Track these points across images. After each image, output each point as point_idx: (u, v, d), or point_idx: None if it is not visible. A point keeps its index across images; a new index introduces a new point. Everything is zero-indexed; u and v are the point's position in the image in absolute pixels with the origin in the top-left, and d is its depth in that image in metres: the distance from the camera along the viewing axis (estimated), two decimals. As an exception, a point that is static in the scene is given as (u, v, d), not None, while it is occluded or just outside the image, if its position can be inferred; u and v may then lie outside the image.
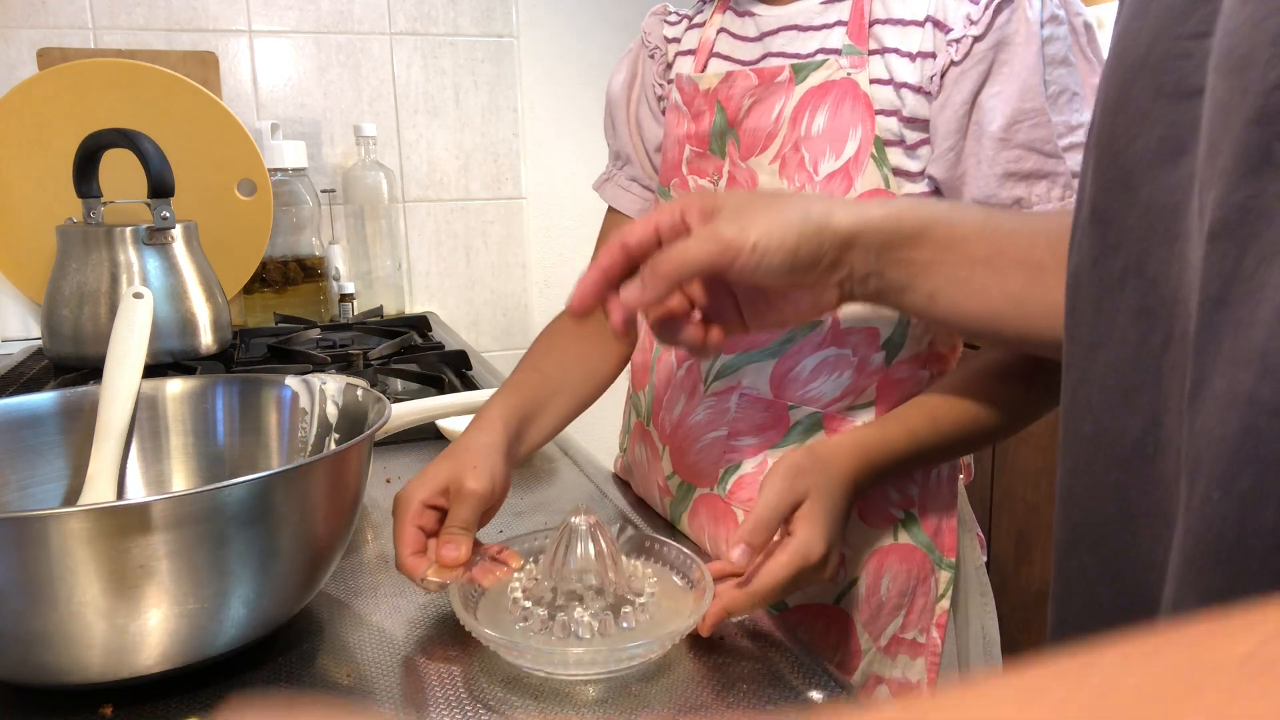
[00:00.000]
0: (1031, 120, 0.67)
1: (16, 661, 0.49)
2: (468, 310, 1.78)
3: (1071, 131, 0.67)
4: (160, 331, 1.19)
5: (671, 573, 0.63)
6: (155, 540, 0.47)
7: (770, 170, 0.73)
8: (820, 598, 0.74)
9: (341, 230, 1.66)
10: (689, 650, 0.58)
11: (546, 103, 1.79)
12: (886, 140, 0.69)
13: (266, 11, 1.60)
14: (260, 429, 0.71)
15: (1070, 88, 0.67)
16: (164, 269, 1.20)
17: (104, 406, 0.68)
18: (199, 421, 0.71)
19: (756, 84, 0.74)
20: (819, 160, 0.71)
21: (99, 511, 0.46)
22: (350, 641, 0.59)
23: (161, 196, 1.17)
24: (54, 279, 1.20)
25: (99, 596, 0.46)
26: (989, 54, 0.66)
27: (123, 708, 0.51)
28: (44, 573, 0.45)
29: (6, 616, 0.46)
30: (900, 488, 0.74)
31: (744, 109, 0.75)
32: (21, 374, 1.22)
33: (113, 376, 0.69)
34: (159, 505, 0.47)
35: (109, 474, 0.66)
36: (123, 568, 0.46)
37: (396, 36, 1.68)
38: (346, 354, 1.24)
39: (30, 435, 0.66)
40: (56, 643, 0.47)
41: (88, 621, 0.47)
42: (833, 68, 0.70)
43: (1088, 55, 0.67)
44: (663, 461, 0.81)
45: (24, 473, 0.65)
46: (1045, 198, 0.67)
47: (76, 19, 1.51)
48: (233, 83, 1.60)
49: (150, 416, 0.71)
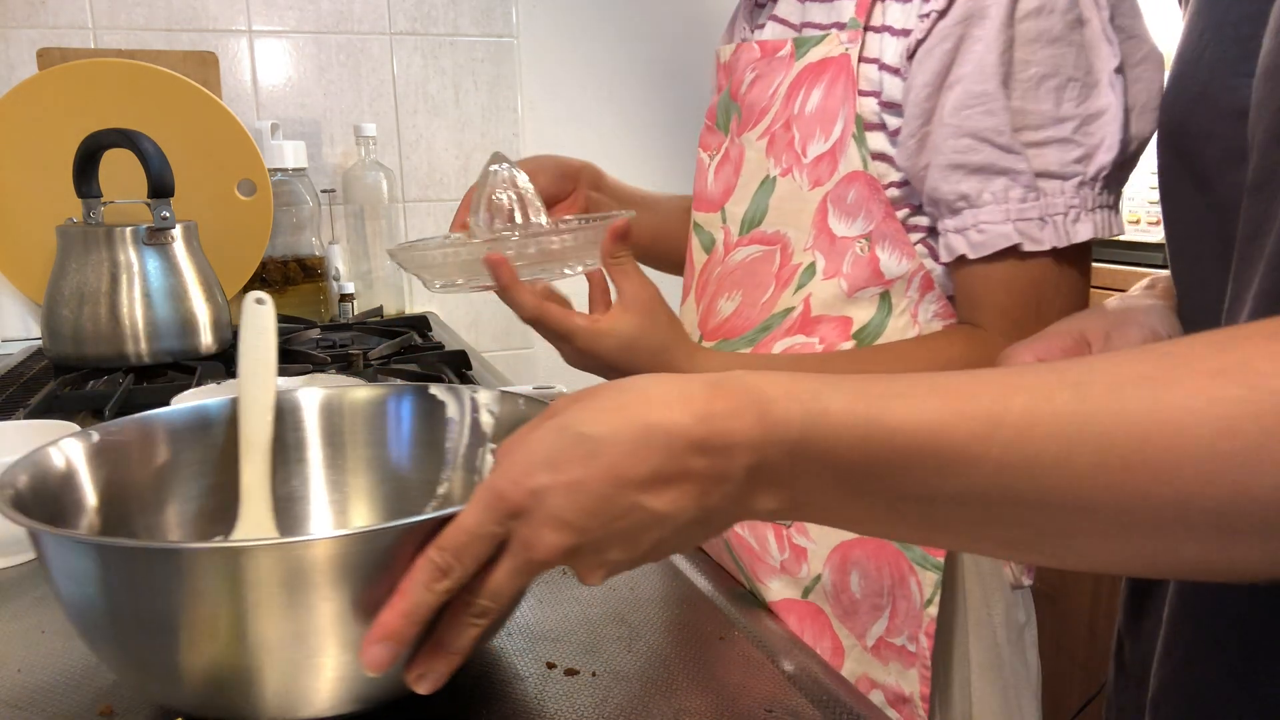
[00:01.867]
0: (981, 106, 0.61)
1: (197, 695, 0.46)
2: (468, 310, 1.78)
3: (1057, 124, 0.61)
4: (160, 331, 1.19)
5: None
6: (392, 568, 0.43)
7: (758, 147, 0.71)
8: (785, 593, 0.71)
9: (341, 230, 1.66)
10: (682, 647, 0.58)
11: (546, 103, 1.79)
12: (868, 123, 0.66)
13: (266, 11, 1.60)
14: (431, 441, 0.67)
15: (1063, 71, 0.60)
16: (164, 269, 1.20)
17: (245, 420, 0.64)
18: (378, 432, 0.67)
19: (759, 57, 0.72)
20: (808, 141, 0.68)
21: (357, 536, 0.43)
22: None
23: (161, 196, 1.17)
24: (54, 279, 1.20)
25: (337, 625, 0.43)
26: (955, 30, 0.61)
27: (122, 708, 0.51)
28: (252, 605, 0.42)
29: (205, 648, 0.44)
30: None
31: (746, 82, 0.73)
32: (21, 374, 1.22)
33: (250, 388, 0.64)
34: (412, 528, 0.43)
35: (261, 489, 0.63)
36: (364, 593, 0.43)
37: (396, 36, 1.68)
38: (346, 354, 1.24)
39: (159, 452, 0.62)
40: (253, 678, 0.44)
41: (290, 657, 0.44)
42: (833, 43, 0.67)
43: (1109, 37, 0.60)
44: None
45: (158, 491, 0.62)
46: (1000, 198, 0.61)
47: (76, 19, 1.51)
48: (233, 83, 1.60)
49: (329, 427, 0.67)
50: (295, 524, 0.66)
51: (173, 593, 0.42)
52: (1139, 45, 0.63)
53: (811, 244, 0.68)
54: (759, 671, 0.56)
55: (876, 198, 0.65)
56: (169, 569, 0.42)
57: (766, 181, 0.71)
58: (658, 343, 0.66)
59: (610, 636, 0.60)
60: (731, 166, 0.74)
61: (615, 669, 0.56)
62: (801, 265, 0.69)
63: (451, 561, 0.40)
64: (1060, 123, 0.61)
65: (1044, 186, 0.61)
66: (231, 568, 0.42)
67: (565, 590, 0.65)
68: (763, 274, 0.71)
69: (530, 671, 0.56)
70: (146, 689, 0.50)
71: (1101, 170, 0.61)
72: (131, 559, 0.43)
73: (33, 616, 0.62)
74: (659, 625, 0.62)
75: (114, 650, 0.47)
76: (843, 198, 0.66)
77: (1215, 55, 0.46)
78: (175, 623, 0.43)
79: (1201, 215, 0.48)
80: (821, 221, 0.68)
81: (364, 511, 0.67)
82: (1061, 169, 0.61)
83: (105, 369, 1.18)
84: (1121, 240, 1.52)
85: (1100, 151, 0.61)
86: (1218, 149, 0.46)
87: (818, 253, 0.68)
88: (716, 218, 0.75)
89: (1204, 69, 0.46)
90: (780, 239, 0.70)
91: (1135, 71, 0.62)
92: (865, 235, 0.66)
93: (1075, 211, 0.61)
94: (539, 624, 0.56)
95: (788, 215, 0.70)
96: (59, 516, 0.53)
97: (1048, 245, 0.62)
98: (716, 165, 0.76)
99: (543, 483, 0.38)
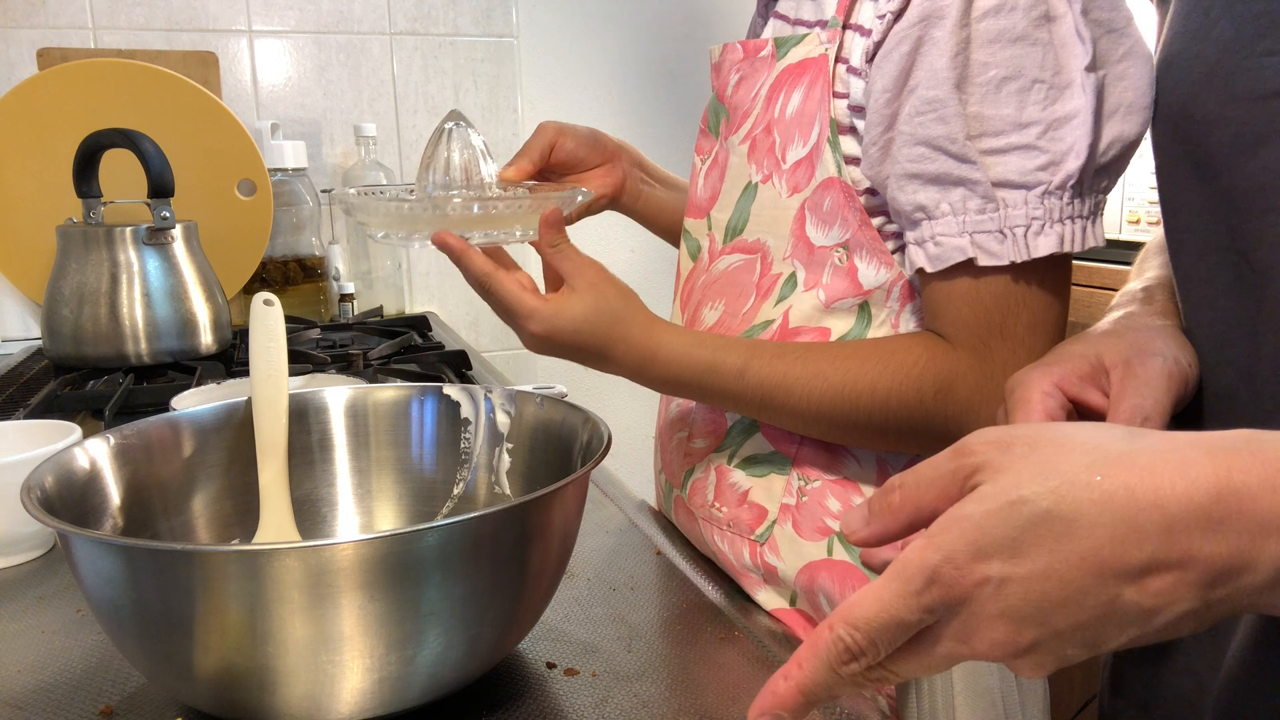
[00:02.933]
0: (934, 112, 0.57)
1: (221, 696, 0.46)
2: (468, 310, 1.78)
3: (1019, 129, 0.56)
4: (160, 331, 1.19)
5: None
6: (433, 572, 0.44)
7: (740, 152, 0.68)
8: (774, 603, 0.70)
9: (341, 230, 1.66)
10: (687, 653, 0.58)
11: (546, 103, 1.79)
12: (842, 126, 0.62)
13: (266, 11, 1.60)
14: (449, 441, 0.68)
15: (1027, 73, 0.55)
16: (164, 269, 1.20)
17: (260, 422, 0.63)
18: (399, 433, 0.68)
19: (742, 57, 0.69)
20: (788, 146, 0.65)
21: (383, 540, 0.43)
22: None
23: (161, 196, 1.17)
24: (54, 279, 1.20)
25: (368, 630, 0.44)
26: (913, 33, 0.57)
27: (122, 708, 0.51)
28: (279, 605, 0.42)
29: (229, 648, 0.44)
30: (840, 495, 0.66)
31: (731, 84, 0.70)
32: (21, 374, 1.22)
33: (263, 390, 0.64)
34: (433, 534, 0.44)
35: (279, 490, 0.63)
36: (401, 598, 0.44)
37: (396, 36, 1.68)
38: (346, 354, 1.24)
39: (181, 452, 0.62)
40: (275, 680, 0.44)
41: (312, 658, 0.44)
42: (813, 43, 0.63)
43: (1082, 34, 0.55)
44: (655, 458, 0.81)
45: (181, 491, 0.62)
46: (959, 209, 0.57)
47: (76, 19, 1.50)
48: (233, 83, 1.60)
49: (354, 427, 0.67)
50: (318, 524, 0.66)
51: (197, 595, 0.42)
52: (1119, 40, 0.57)
53: (790, 253, 0.66)
54: (759, 671, 0.56)
55: (851, 205, 0.63)
56: (195, 571, 0.42)
57: (749, 188, 0.68)
58: (610, 314, 0.65)
59: (610, 636, 0.60)
60: (718, 172, 0.72)
61: (615, 669, 0.56)
62: (782, 275, 0.66)
63: (865, 645, 0.34)
64: (1023, 128, 0.56)
65: (1004, 197, 0.57)
66: (256, 570, 0.42)
67: (565, 590, 0.65)
68: (744, 283, 0.69)
69: (530, 671, 0.56)
70: (172, 689, 0.50)
71: (1069, 179, 0.56)
72: (158, 561, 0.43)
73: (33, 616, 0.62)
74: (659, 625, 0.62)
75: (140, 650, 0.47)
76: (819, 205, 0.64)
77: (1227, 32, 0.42)
78: (200, 624, 0.43)
79: (1206, 206, 0.45)
80: (799, 230, 0.65)
81: (385, 511, 0.67)
82: (1023, 178, 0.56)
83: (105, 369, 1.18)
84: (1122, 240, 1.52)
85: (1069, 158, 0.56)
86: (1228, 134, 0.42)
87: (797, 262, 0.65)
88: (703, 224, 0.73)
89: (1213, 47, 0.42)
90: (760, 247, 0.68)
91: (1118, 69, 0.56)
92: (842, 244, 0.63)
93: (1038, 224, 0.56)
94: (539, 624, 0.56)
95: (767, 223, 0.67)
96: (84, 517, 0.54)
97: (1006, 260, 0.57)
98: (706, 170, 0.74)
99: (998, 571, 0.32)
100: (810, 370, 0.62)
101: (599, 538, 0.75)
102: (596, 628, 0.61)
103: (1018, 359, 0.58)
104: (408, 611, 0.44)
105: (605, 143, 0.82)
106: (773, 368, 0.63)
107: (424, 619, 0.45)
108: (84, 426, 0.76)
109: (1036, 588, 0.31)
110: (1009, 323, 0.59)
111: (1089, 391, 0.48)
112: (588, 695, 0.53)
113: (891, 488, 0.36)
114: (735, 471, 0.70)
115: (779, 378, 0.63)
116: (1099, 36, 0.56)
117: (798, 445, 0.67)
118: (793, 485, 0.67)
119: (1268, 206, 0.41)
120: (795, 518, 0.67)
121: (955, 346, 0.60)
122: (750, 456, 0.69)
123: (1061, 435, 0.33)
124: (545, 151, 0.79)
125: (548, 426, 0.63)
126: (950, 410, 0.60)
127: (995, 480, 0.33)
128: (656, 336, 0.65)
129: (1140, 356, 0.48)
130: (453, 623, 0.46)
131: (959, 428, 0.59)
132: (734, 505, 0.70)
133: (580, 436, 0.60)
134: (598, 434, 0.57)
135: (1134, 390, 0.46)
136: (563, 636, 0.59)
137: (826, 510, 0.66)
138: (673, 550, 0.74)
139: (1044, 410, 0.48)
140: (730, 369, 0.64)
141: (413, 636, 0.45)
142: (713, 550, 0.73)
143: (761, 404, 0.64)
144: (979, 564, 0.32)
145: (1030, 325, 0.59)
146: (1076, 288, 1.55)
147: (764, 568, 0.68)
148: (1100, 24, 0.56)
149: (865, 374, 0.61)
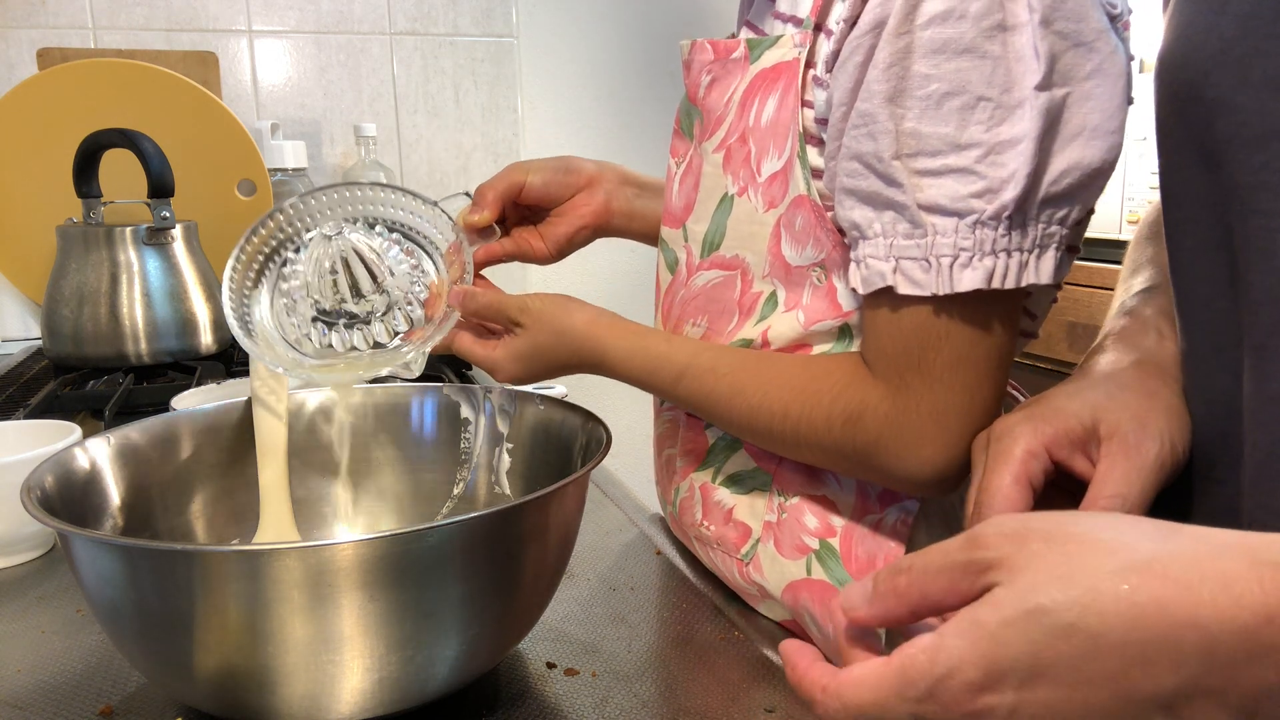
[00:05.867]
0: (865, 127, 0.52)
1: (221, 696, 0.46)
2: (468, 310, 1.78)
3: (957, 151, 0.50)
4: (160, 331, 1.19)
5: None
6: (442, 569, 0.44)
7: (715, 160, 0.64)
8: (772, 614, 0.68)
9: (341, 230, 1.66)
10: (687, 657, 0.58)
11: (546, 103, 1.79)
12: (810, 136, 0.59)
13: (266, 11, 1.60)
14: (448, 441, 0.68)
15: (971, 88, 0.50)
16: (164, 269, 1.20)
17: (260, 423, 0.63)
18: (399, 433, 0.68)
19: (713, 58, 0.65)
20: (763, 158, 0.61)
21: (386, 539, 0.44)
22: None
23: (161, 196, 1.17)
24: (54, 279, 1.20)
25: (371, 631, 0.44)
26: (865, 41, 0.53)
27: (122, 708, 0.51)
28: (281, 606, 0.42)
29: (230, 648, 0.44)
30: (818, 513, 0.63)
31: (703, 85, 0.66)
32: (21, 374, 1.22)
33: (263, 390, 0.64)
34: (433, 534, 0.44)
35: (280, 491, 0.63)
36: (403, 597, 0.44)
37: (396, 36, 1.68)
38: (346, 354, 1.23)
39: (180, 452, 0.63)
40: (278, 680, 0.44)
41: (312, 659, 0.44)
42: (786, 46, 0.59)
43: (1038, 48, 0.49)
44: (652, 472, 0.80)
45: (180, 491, 0.62)
46: (889, 231, 0.53)
47: (76, 19, 1.50)
48: (233, 83, 1.60)
49: (354, 427, 0.68)
50: (318, 524, 0.66)
51: (197, 595, 0.43)
52: (1087, 55, 0.50)
53: (769, 271, 0.62)
54: (759, 671, 0.56)
55: (822, 224, 0.58)
56: (195, 571, 0.42)
57: (725, 200, 0.64)
58: (550, 334, 0.66)
59: (610, 636, 0.60)
60: (693, 179, 0.67)
61: (615, 669, 0.56)
62: (763, 295, 0.63)
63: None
64: (962, 150, 0.50)
65: (933, 223, 0.52)
66: (256, 570, 0.42)
67: (565, 590, 0.65)
68: (726, 300, 0.65)
69: (530, 671, 0.56)
70: (172, 689, 0.51)
71: (1004, 209, 0.50)
72: (158, 561, 0.43)
73: (33, 616, 0.62)
74: (659, 625, 0.62)
75: (140, 650, 0.47)
76: (792, 223, 0.60)
77: (1245, 7, 0.37)
78: (200, 624, 0.43)
79: (1208, 198, 0.41)
80: (775, 248, 0.61)
81: (384, 511, 0.68)
82: (954, 204, 0.51)
83: (105, 369, 1.18)
84: (1122, 240, 1.52)
85: (1007, 187, 0.50)
86: (1234, 123, 0.38)
87: (776, 280, 0.62)
88: (679, 235, 0.69)
89: (1230, 21, 0.38)
90: (740, 264, 0.64)
91: (1083, 88, 0.51)
92: (818, 263, 0.60)
93: (966, 255, 0.51)
94: (539, 624, 0.56)
95: (744, 239, 0.63)
96: (84, 517, 0.54)
97: (928, 291, 0.52)
98: (681, 176, 0.69)
99: (1009, 701, 0.29)
100: (734, 388, 0.61)
101: (599, 538, 0.75)
102: (596, 628, 0.61)
103: (934, 396, 0.54)
104: (408, 612, 0.44)
105: (579, 169, 0.78)
106: (702, 382, 0.63)
107: (424, 619, 0.45)
108: (84, 426, 0.76)
109: (1057, 714, 0.29)
110: (929, 357, 0.54)
111: (1076, 458, 0.46)
112: (588, 695, 0.53)
113: (899, 569, 0.34)
114: (720, 489, 0.69)
115: (707, 392, 0.62)
116: (1063, 51, 0.50)
117: (777, 462, 0.65)
118: (773, 502, 0.65)
119: (1261, 208, 0.38)
120: (776, 535, 0.65)
121: (874, 376, 0.57)
122: (734, 474, 0.68)
123: (1081, 530, 0.30)
124: (507, 192, 0.75)
125: (548, 427, 0.64)
126: (858, 441, 0.56)
127: (1012, 582, 0.30)
128: (601, 342, 0.66)
129: (1138, 433, 0.45)
130: (453, 623, 0.46)
131: (868, 458, 0.56)
132: (720, 524, 0.68)
133: (580, 437, 0.60)
134: (597, 434, 0.57)
135: (1122, 476, 0.44)
136: (563, 636, 0.59)
137: (804, 528, 0.64)
138: (673, 550, 0.74)
139: (1024, 472, 0.45)
140: (666, 378, 0.64)
141: (413, 636, 0.45)
142: (712, 566, 0.72)
143: (699, 413, 0.65)
144: (987, 694, 0.29)
145: (951, 362, 0.54)
146: (1077, 288, 1.56)
147: (754, 585, 0.67)
148: (1065, 36, 0.50)
149: (780, 398, 0.59)
